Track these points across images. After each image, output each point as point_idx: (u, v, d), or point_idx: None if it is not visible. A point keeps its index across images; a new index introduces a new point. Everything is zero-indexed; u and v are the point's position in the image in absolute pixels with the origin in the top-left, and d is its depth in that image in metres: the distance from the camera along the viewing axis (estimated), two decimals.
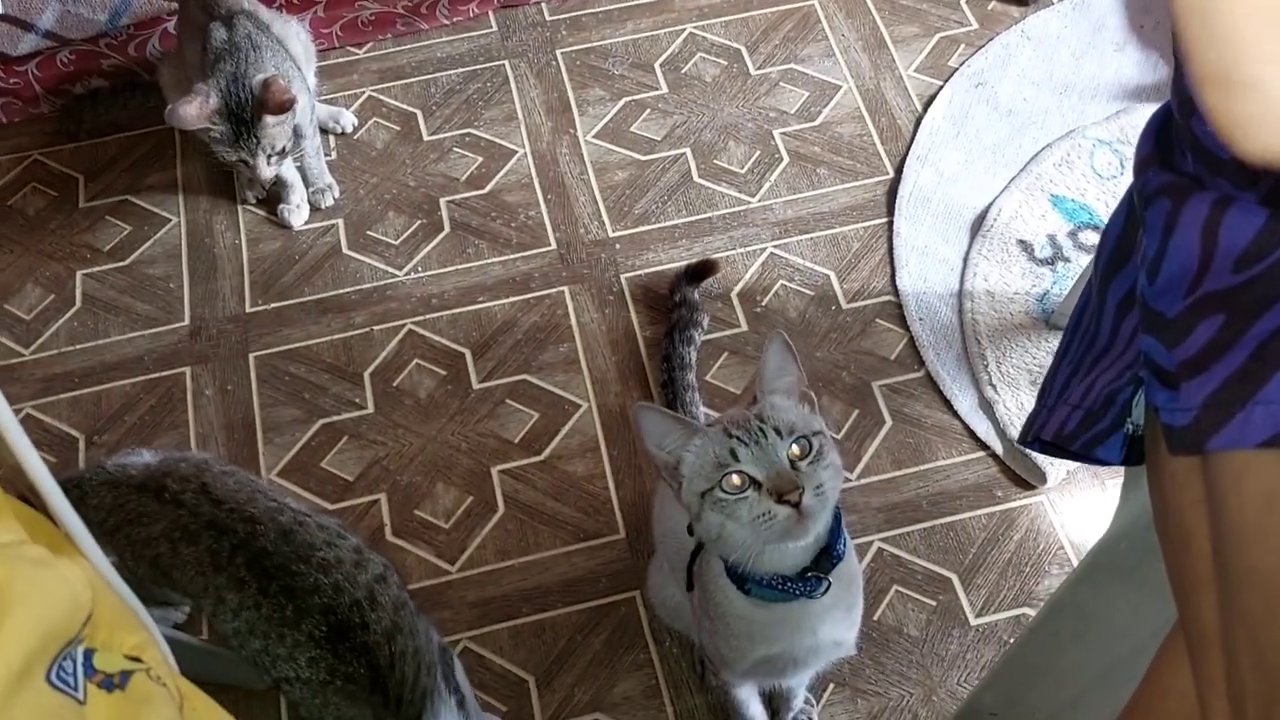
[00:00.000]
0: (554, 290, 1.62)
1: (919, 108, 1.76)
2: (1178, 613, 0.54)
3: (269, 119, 1.48)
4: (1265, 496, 0.46)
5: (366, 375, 1.55)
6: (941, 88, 1.77)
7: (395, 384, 1.54)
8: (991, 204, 1.60)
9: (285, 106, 1.47)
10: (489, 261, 1.65)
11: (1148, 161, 0.68)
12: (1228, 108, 0.20)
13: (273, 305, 1.62)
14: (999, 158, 1.65)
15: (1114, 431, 0.62)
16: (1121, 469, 0.72)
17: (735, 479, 0.85)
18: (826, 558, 0.92)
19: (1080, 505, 1.43)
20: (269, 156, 1.54)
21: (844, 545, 0.94)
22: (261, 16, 1.55)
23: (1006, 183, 1.61)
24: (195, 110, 1.47)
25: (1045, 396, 0.71)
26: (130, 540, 1.04)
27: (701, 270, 1.55)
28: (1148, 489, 0.60)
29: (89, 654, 0.43)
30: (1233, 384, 0.50)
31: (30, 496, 0.52)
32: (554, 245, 1.67)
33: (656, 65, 1.86)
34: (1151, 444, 0.59)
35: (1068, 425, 0.65)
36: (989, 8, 1.86)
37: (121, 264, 1.68)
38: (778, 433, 0.85)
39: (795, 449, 0.85)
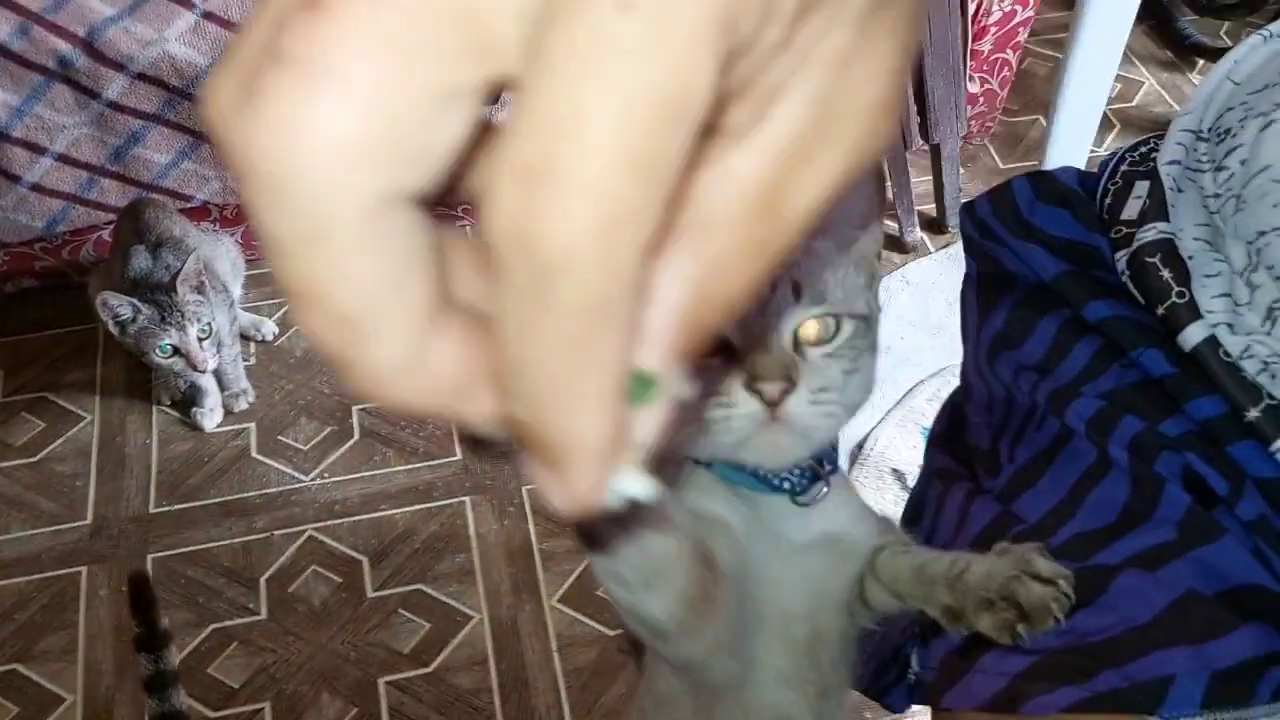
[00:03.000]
0: (456, 500, 1.68)
1: None
2: None
3: (185, 293, 1.55)
4: None
5: (263, 580, 1.57)
6: None
7: (290, 590, 1.57)
8: (869, 434, 1.71)
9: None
10: (394, 470, 1.71)
11: (936, 440, 0.78)
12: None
13: (177, 506, 1.66)
14: (878, 390, 1.77)
15: (898, 683, 0.69)
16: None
17: None
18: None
19: None
20: (201, 339, 1.57)
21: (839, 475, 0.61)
22: (189, 244, 1.63)
23: (883, 414, 1.73)
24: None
25: None
26: None
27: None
28: None
29: None
30: (959, 651, 0.58)
31: None
32: (460, 455, 1.73)
33: None
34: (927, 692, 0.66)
35: (863, 678, 0.71)
36: None
37: (31, 460, 1.71)
38: (795, 293, 0.53)
39: (812, 325, 0.53)
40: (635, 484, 0.24)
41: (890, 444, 1.69)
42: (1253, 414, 0.56)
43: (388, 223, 0.19)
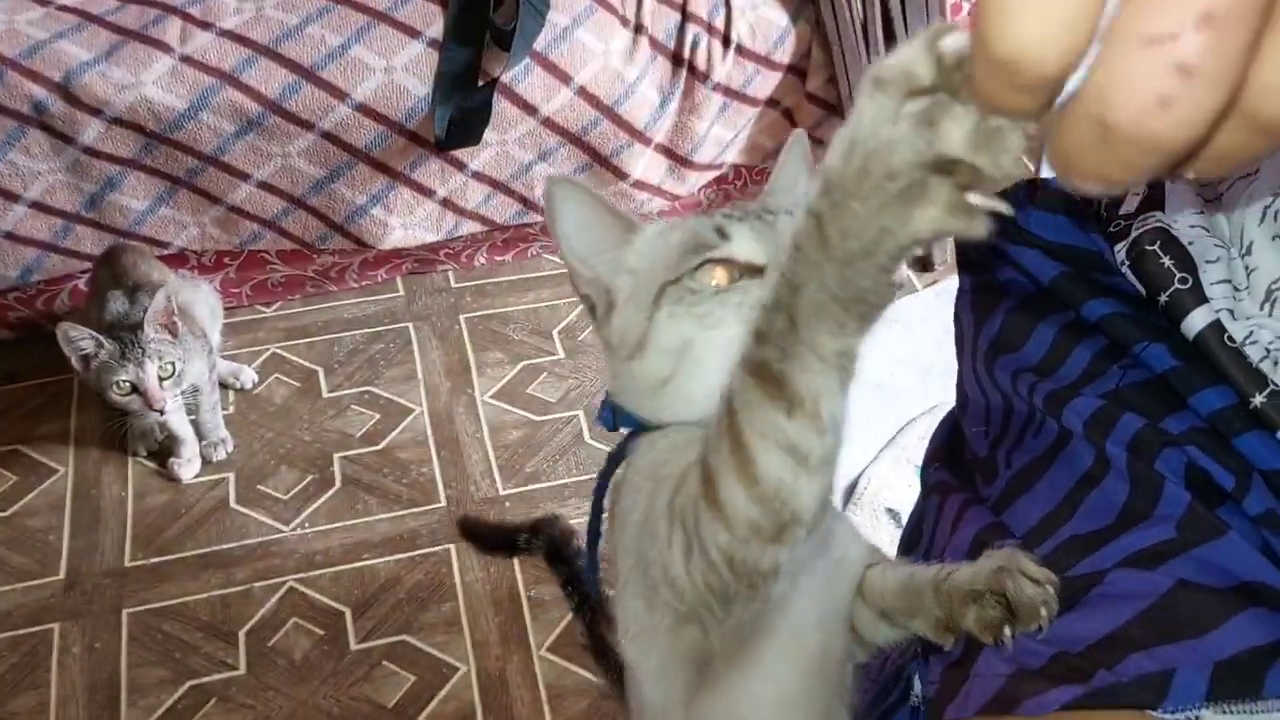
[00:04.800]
0: (440, 548, 1.64)
1: None
2: None
3: (150, 331, 1.52)
4: None
5: (242, 634, 1.52)
6: None
7: (271, 644, 1.51)
8: (862, 473, 1.68)
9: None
10: (377, 518, 1.67)
11: (935, 456, 0.76)
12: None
13: (153, 560, 1.61)
14: (869, 429, 1.75)
15: (901, 705, 0.66)
16: None
17: (720, 273, 0.54)
18: None
19: None
20: (161, 379, 1.52)
21: None
22: (168, 287, 1.61)
23: (875, 454, 1.71)
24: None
25: None
26: None
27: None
28: None
29: None
30: (956, 662, 0.56)
31: None
32: (443, 502, 1.69)
33: (554, 332, 1.96)
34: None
35: (863, 703, 0.68)
36: None
37: (2, 515, 1.66)
38: (791, 217, 0.56)
39: None
40: None
41: (884, 483, 1.66)
42: (1258, 400, 0.55)
43: None
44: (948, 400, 0.78)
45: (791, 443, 0.42)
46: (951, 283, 1.25)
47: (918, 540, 0.73)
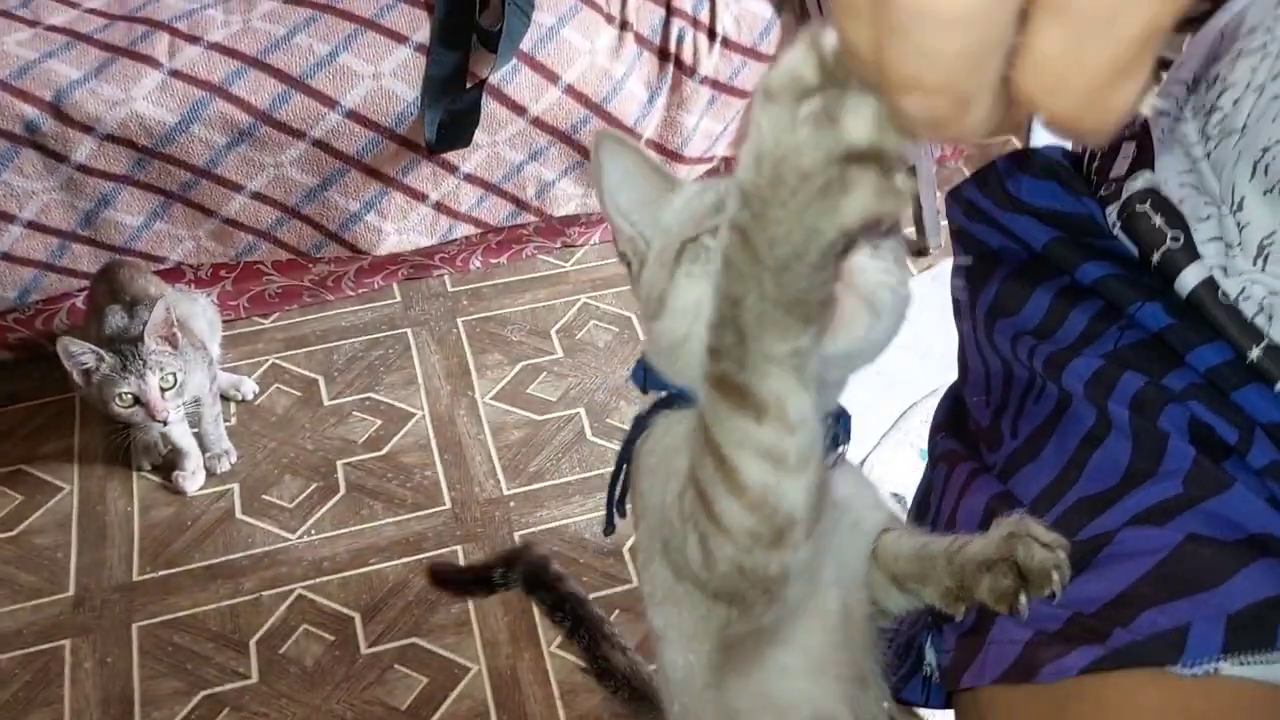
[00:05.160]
0: (447, 550, 1.64)
1: None
2: None
3: (150, 343, 1.52)
4: None
5: (252, 643, 1.53)
6: None
7: (281, 651, 1.52)
8: (866, 458, 1.69)
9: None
10: (383, 522, 1.67)
11: (940, 427, 0.77)
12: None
13: (161, 573, 1.61)
14: (870, 415, 1.76)
15: (914, 674, 0.66)
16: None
17: None
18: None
19: None
20: (163, 389, 1.53)
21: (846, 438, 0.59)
22: (166, 299, 1.61)
23: (879, 438, 1.71)
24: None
25: None
26: None
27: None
28: None
29: None
30: (971, 630, 0.57)
31: None
32: (449, 504, 1.70)
33: (552, 332, 1.97)
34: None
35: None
36: None
37: (9, 534, 1.66)
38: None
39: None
40: None
41: (888, 468, 1.67)
42: (1255, 354, 0.55)
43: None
44: (947, 384, 0.79)
45: (766, 448, 0.43)
46: (946, 266, 1.25)
47: (926, 511, 0.74)
